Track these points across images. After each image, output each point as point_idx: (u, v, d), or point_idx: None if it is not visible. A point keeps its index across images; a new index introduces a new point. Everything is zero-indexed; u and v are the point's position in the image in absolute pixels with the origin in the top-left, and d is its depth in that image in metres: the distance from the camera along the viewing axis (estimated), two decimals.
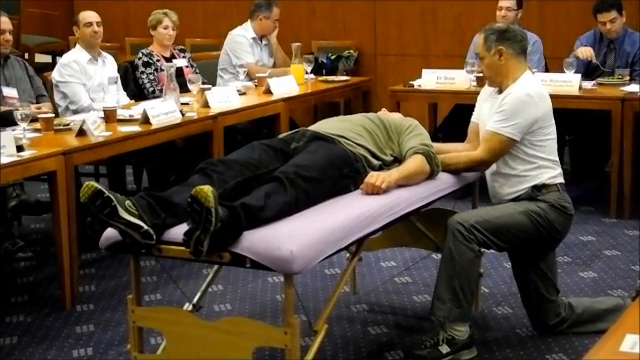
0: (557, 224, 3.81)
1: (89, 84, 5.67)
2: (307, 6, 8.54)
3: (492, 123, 3.79)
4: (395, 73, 7.96)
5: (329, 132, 3.70)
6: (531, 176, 3.82)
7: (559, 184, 3.86)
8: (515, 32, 3.87)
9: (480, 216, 3.73)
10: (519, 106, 3.76)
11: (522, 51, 3.86)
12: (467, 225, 3.64)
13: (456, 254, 3.64)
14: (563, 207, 3.83)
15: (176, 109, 5.07)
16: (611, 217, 5.74)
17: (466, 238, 3.63)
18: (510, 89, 3.82)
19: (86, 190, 3.02)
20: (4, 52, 5.25)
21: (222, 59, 6.92)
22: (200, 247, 2.96)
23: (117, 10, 9.17)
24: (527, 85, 3.82)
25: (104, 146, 4.57)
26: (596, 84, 6.01)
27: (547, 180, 3.82)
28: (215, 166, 3.40)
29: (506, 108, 3.77)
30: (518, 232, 3.74)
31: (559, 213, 3.81)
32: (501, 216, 3.73)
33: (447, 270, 3.67)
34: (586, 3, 6.61)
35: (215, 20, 8.80)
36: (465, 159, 3.88)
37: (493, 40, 3.83)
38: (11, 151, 4.07)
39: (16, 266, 5.07)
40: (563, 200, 3.84)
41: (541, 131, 3.82)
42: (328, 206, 3.36)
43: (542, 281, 3.88)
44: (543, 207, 3.78)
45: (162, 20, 6.24)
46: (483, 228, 3.66)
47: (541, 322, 3.94)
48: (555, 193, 3.83)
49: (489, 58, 3.85)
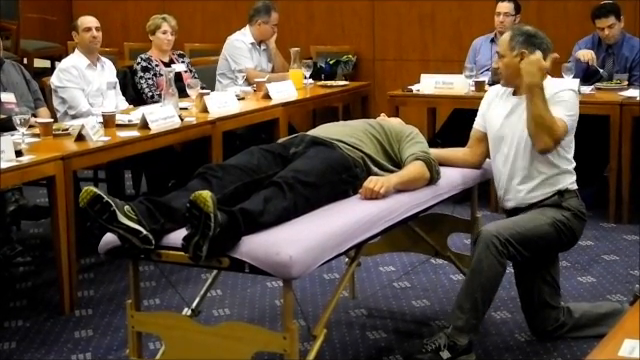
0: (577, 232, 3.84)
1: (88, 89, 5.67)
2: (306, 11, 8.55)
3: (557, 111, 3.71)
4: (394, 78, 7.96)
5: (328, 137, 3.70)
6: (556, 180, 3.80)
7: (576, 190, 3.87)
8: (542, 40, 3.81)
9: (513, 229, 3.67)
10: (575, 101, 3.78)
11: (545, 59, 3.79)
12: (503, 239, 3.60)
13: (486, 266, 3.60)
14: (582, 214, 3.84)
15: (175, 114, 5.08)
16: (610, 222, 5.75)
17: (500, 252, 3.59)
18: (548, 87, 3.75)
19: (85, 195, 3.03)
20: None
21: (221, 64, 6.92)
22: (199, 252, 2.96)
23: (116, 15, 9.17)
24: (565, 83, 3.90)
25: (103, 151, 4.57)
26: (594, 89, 6.01)
27: (569, 185, 3.82)
28: (214, 171, 3.41)
29: (566, 98, 3.75)
30: (544, 242, 3.74)
31: (579, 220, 3.83)
32: (531, 228, 3.70)
33: (473, 281, 3.64)
34: (584, 8, 6.62)
35: (214, 25, 8.81)
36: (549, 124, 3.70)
37: (519, 42, 3.77)
38: (10, 156, 4.07)
39: (15, 271, 5.06)
40: (582, 206, 3.86)
41: (571, 133, 3.82)
42: (327, 211, 3.36)
43: (547, 287, 3.87)
44: (567, 216, 3.77)
45: (161, 25, 6.25)
46: (516, 242, 3.63)
47: (540, 328, 3.93)
48: (575, 199, 3.83)
49: (510, 58, 3.80)
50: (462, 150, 4.08)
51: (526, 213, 3.83)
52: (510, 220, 3.83)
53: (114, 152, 4.67)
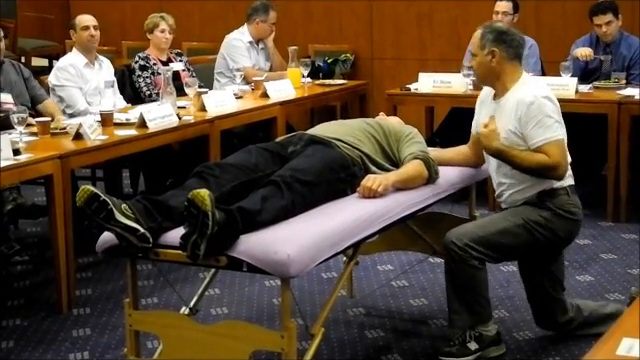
0: (561, 231, 3.72)
1: (86, 88, 5.67)
2: (304, 10, 8.54)
3: (538, 139, 3.60)
4: (392, 77, 7.96)
5: (326, 136, 3.70)
6: (542, 182, 3.70)
7: (568, 187, 3.74)
8: (513, 36, 3.75)
9: (474, 232, 3.64)
10: (552, 107, 3.65)
11: (516, 56, 3.75)
12: (461, 244, 3.59)
13: (456, 271, 3.63)
14: (569, 212, 3.72)
15: (173, 113, 5.07)
16: (608, 220, 5.75)
17: (461, 257, 3.59)
18: (516, 93, 3.68)
19: (82, 194, 3.02)
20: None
21: (219, 63, 6.92)
22: (197, 251, 2.96)
23: (114, 14, 9.16)
24: (537, 88, 3.72)
25: (100, 150, 4.57)
26: (592, 88, 6.02)
27: (556, 184, 3.71)
28: (212, 170, 3.40)
29: (542, 116, 3.60)
30: (515, 245, 3.69)
31: (564, 220, 3.71)
32: (497, 231, 3.65)
33: (453, 286, 3.67)
34: (582, 7, 6.62)
35: (212, 24, 8.80)
36: (536, 161, 3.62)
37: (489, 39, 3.72)
38: (8, 155, 4.07)
39: (12, 270, 5.06)
40: (571, 205, 3.74)
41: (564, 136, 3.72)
42: (325, 210, 3.36)
43: (549, 281, 3.84)
44: (545, 215, 3.69)
45: (159, 24, 6.24)
46: (477, 244, 3.60)
47: (546, 319, 3.90)
48: (563, 197, 3.72)
49: (481, 57, 3.75)
50: (463, 150, 4.06)
51: (497, 214, 3.82)
52: (476, 222, 3.83)
53: (112, 151, 4.67)
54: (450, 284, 3.69)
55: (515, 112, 3.64)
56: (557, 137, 3.62)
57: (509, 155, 3.64)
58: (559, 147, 3.62)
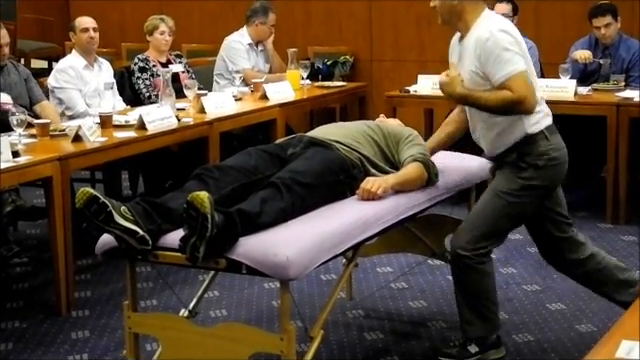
0: (549, 181, 3.60)
1: (85, 90, 5.67)
2: (303, 11, 8.55)
3: (499, 76, 3.44)
4: (391, 79, 7.96)
5: (326, 138, 3.70)
6: (515, 127, 3.53)
7: (545, 129, 3.56)
8: None
9: (472, 232, 3.59)
10: (510, 39, 3.45)
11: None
12: (469, 248, 3.56)
13: (467, 282, 3.61)
14: (552, 159, 3.56)
15: (172, 115, 5.07)
16: (607, 222, 5.75)
17: (470, 264, 3.57)
18: (475, 31, 3.51)
19: (81, 196, 3.02)
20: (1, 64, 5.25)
21: (218, 65, 6.92)
22: (196, 253, 2.96)
23: (113, 15, 9.17)
24: (492, 22, 3.52)
25: (100, 152, 4.57)
26: (591, 90, 6.02)
27: (531, 128, 3.53)
28: (211, 172, 3.40)
29: (500, 50, 3.43)
30: (513, 220, 3.64)
31: (548, 169, 3.56)
32: (490, 222, 3.59)
33: (463, 296, 3.65)
34: (581, 9, 6.62)
35: (211, 26, 8.81)
36: (501, 97, 3.45)
37: None
38: (7, 157, 4.06)
39: (11, 272, 5.06)
40: (552, 149, 3.57)
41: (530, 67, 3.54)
42: (324, 212, 3.36)
43: (553, 224, 3.73)
44: (527, 175, 3.55)
45: (159, 26, 6.25)
46: (481, 243, 3.57)
47: (554, 256, 3.81)
48: (541, 143, 3.54)
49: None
50: (454, 118, 3.95)
51: (481, 200, 3.69)
52: (468, 225, 3.67)
53: (111, 153, 4.67)
54: (460, 296, 3.66)
55: (474, 51, 3.50)
56: (517, 70, 3.43)
57: (473, 98, 3.53)
58: (521, 79, 3.43)
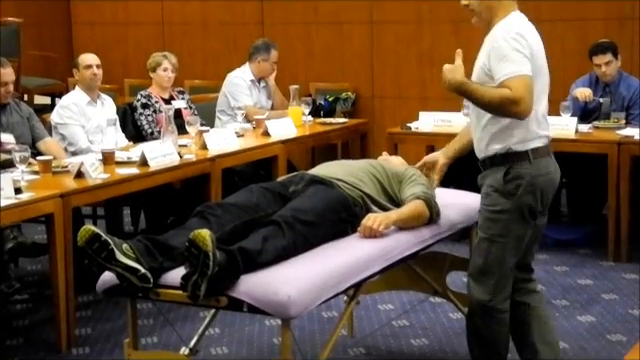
0: (533, 209, 3.45)
1: (88, 126, 5.69)
2: (305, 47, 8.61)
3: (502, 73, 3.35)
4: (392, 115, 7.99)
5: (328, 176, 3.71)
6: (503, 137, 3.43)
7: (531, 150, 3.44)
8: None
9: (487, 283, 3.49)
10: (509, 44, 3.37)
11: None
12: (487, 302, 3.49)
13: (483, 329, 3.55)
14: (529, 184, 3.42)
15: (174, 151, 5.08)
16: (609, 260, 5.74)
17: (490, 313, 3.50)
18: (496, 28, 3.47)
19: (84, 234, 3.03)
20: (4, 102, 5.28)
21: (220, 101, 6.94)
22: (197, 291, 2.96)
23: (116, 52, 9.23)
24: (513, 24, 3.44)
25: (102, 188, 4.57)
26: (592, 127, 6.03)
27: (515, 145, 3.42)
28: (213, 209, 3.41)
29: (504, 49, 3.37)
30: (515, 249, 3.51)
31: (522, 196, 3.43)
32: (492, 262, 3.48)
33: (479, 345, 3.59)
34: (582, 47, 6.66)
35: (214, 62, 8.87)
36: (498, 93, 3.34)
37: None
38: (9, 193, 4.07)
39: (12, 308, 5.04)
40: (530, 174, 3.42)
41: (536, 78, 3.43)
42: (326, 250, 3.36)
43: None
44: (511, 206, 3.42)
45: (162, 62, 6.28)
46: (495, 290, 3.48)
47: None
48: (523, 163, 3.42)
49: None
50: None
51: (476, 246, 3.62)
52: (476, 272, 3.55)
53: (113, 189, 4.67)
54: (476, 344, 3.61)
55: (487, 47, 3.47)
56: (521, 72, 3.33)
57: (470, 88, 3.43)
58: (523, 81, 3.32)
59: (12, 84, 5.36)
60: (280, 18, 8.66)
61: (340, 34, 8.46)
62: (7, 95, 5.30)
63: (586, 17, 7.42)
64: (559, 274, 5.46)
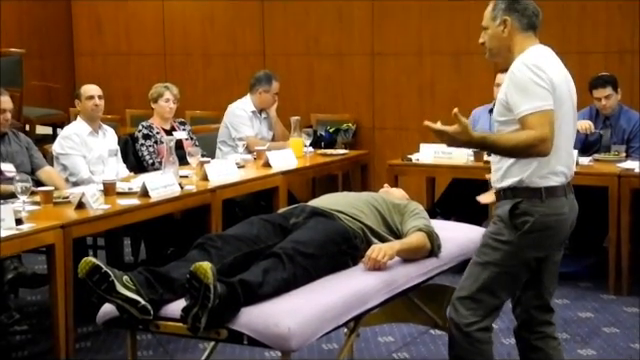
0: (536, 249, 3.37)
1: (89, 156, 5.70)
2: (306, 79, 8.64)
3: (523, 108, 3.24)
4: (393, 147, 8.01)
5: (328, 208, 3.72)
6: (518, 168, 3.34)
7: (545, 188, 3.32)
8: (527, 5, 3.44)
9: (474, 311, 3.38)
10: (527, 78, 3.27)
11: (530, 27, 3.43)
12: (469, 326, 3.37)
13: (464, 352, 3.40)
14: (537, 223, 3.32)
15: (175, 182, 5.10)
16: (610, 293, 5.72)
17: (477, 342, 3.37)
18: (515, 62, 3.36)
19: (84, 265, 3.03)
20: (2, 130, 5.29)
21: (221, 132, 6.97)
22: (198, 324, 2.96)
23: (118, 82, 9.27)
24: (532, 56, 3.34)
25: (103, 219, 4.58)
26: (593, 160, 6.04)
27: (529, 179, 3.32)
28: (213, 241, 3.42)
29: (524, 85, 3.25)
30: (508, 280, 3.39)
31: (529, 234, 3.33)
32: (480, 289, 3.37)
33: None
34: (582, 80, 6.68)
35: (215, 93, 8.90)
36: (524, 137, 3.21)
37: (501, 9, 3.42)
38: (10, 224, 4.07)
39: (11, 339, 5.02)
40: (540, 212, 3.32)
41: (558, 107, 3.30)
42: (326, 282, 3.36)
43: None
44: (515, 239, 3.33)
45: (163, 93, 6.31)
46: (479, 313, 3.38)
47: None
48: (534, 200, 3.31)
49: (493, 29, 3.44)
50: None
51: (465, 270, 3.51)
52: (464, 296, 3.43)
53: (114, 220, 4.68)
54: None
55: (505, 82, 3.37)
56: (544, 107, 3.23)
57: (491, 140, 3.33)
58: (547, 118, 3.22)
59: (10, 112, 5.36)
60: (281, 49, 8.71)
61: (341, 65, 8.50)
62: (5, 123, 5.32)
63: (586, 50, 7.45)
64: (560, 307, 5.45)
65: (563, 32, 7.49)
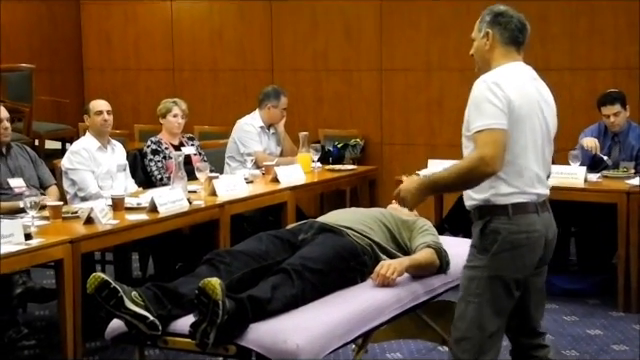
0: (510, 270, 3.23)
1: (98, 171, 5.71)
2: (314, 95, 8.67)
3: (473, 126, 3.21)
4: (401, 162, 8.01)
5: (337, 224, 3.73)
6: (484, 187, 3.23)
7: (512, 205, 3.23)
8: (511, 19, 3.35)
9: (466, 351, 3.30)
10: (483, 95, 3.21)
11: (512, 41, 3.35)
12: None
13: None
14: (506, 242, 3.21)
15: (183, 197, 5.10)
16: (618, 310, 5.70)
17: None
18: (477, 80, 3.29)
19: (93, 281, 3.04)
20: (4, 140, 5.28)
21: (230, 147, 6.97)
22: (206, 339, 2.96)
23: (127, 97, 9.31)
24: (496, 73, 3.28)
25: (111, 234, 4.58)
26: (601, 177, 6.03)
27: (495, 197, 3.23)
28: (222, 257, 3.42)
29: (478, 103, 3.22)
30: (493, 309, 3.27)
31: (498, 255, 3.22)
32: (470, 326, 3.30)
33: None
34: (590, 96, 6.69)
35: (223, 108, 8.93)
36: (466, 163, 3.20)
37: (486, 21, 3.37)
38: (19, 239, 4.08)
39: (20, 354, 5.02)
40: (508, 230, 3.22)
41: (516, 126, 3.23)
42: (335, 298, 3.36)
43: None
44: (486, 263, 3.23)
45: (172, 109, 6.32)
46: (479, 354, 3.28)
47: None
48: (501, 218, 3.22)
49: (478, 41, 3.39)
50: None
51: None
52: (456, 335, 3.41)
53: (122, 235, 4.68)
54: None
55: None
56: (492, 126, 3.15)
57: (435, 179, 3.31)
58: (492, 136, 3.14)
59: (7, 121, 5.31)
60: (290, 65, 8.74)
61: (349, 81, 8.53)
62: (6, 133, 5.28)
63: (594, 67, 7.47)
64: (568, 324, 5.43)
65: (572, 49, 7.51)
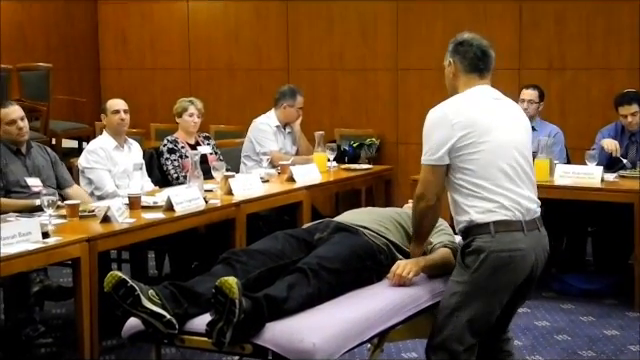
0: (491, 288, 3.29)
1: (114, 170, 5.73)
2: (330, 94, 8.67)
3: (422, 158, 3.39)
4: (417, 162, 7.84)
5: (353, 223, 3.73)
6: (465, 208, 3.31)
7: (494, 222, 3.26)
8: (470, 47, 3.44)
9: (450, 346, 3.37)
10: (429, 127, 3.36)
11: (473, 69, 3.44)
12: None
13: None
14: (488, 259, 3.26)
15: (199, 196, 5.11)
16: (635, 311, 5.67)
17: None
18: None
19: (110, 279, 3.05)
20: (21, 140, 5.27)
21: (246, 146, 6.99)
22: (222, 338, 2.96)
23: (143, 96, 9.34)
24: (448, 102, 3.39)
25: (128, 233, 4.60)
26: (618, 177, 6.00)
27: (476, 215, 3.28)
28: (238, 256, 3.43)
29: (425, 133, 3.37)
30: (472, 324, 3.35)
31: (482, 271, 3.28)
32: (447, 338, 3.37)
33: None
34: (607, 96, 6.67)
35: (239, 107, 8.94)
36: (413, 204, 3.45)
37: (449, 50, 3.48)
38: (37, 237, 4.11)
39: (36, 352, 5.04)
40: (491, 248, 3.25)
41: (465, 154, 3.32)
42: (351, 298, 3.36)
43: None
44: (468, 279, 3.32)
45: (188, 108, 6.34)
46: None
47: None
48: (484, 236, 3.27)
49: (445, 69, 3.52)
50: None
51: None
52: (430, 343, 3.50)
53: (139, 234, 4.70)
54: None
55: None
56: (426, 162, 3.35)
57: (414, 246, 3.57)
58: (423, 173, 3.36)
59: (23, 120, 5.24)
60: (306, 64, 8.75)
61: (365, 80, 8.53)
62: (22, 133, 5.23)
63: (611, 66, 7.44)
64: (585, 324, 5.41)
65: (588, 49, 7.48)
